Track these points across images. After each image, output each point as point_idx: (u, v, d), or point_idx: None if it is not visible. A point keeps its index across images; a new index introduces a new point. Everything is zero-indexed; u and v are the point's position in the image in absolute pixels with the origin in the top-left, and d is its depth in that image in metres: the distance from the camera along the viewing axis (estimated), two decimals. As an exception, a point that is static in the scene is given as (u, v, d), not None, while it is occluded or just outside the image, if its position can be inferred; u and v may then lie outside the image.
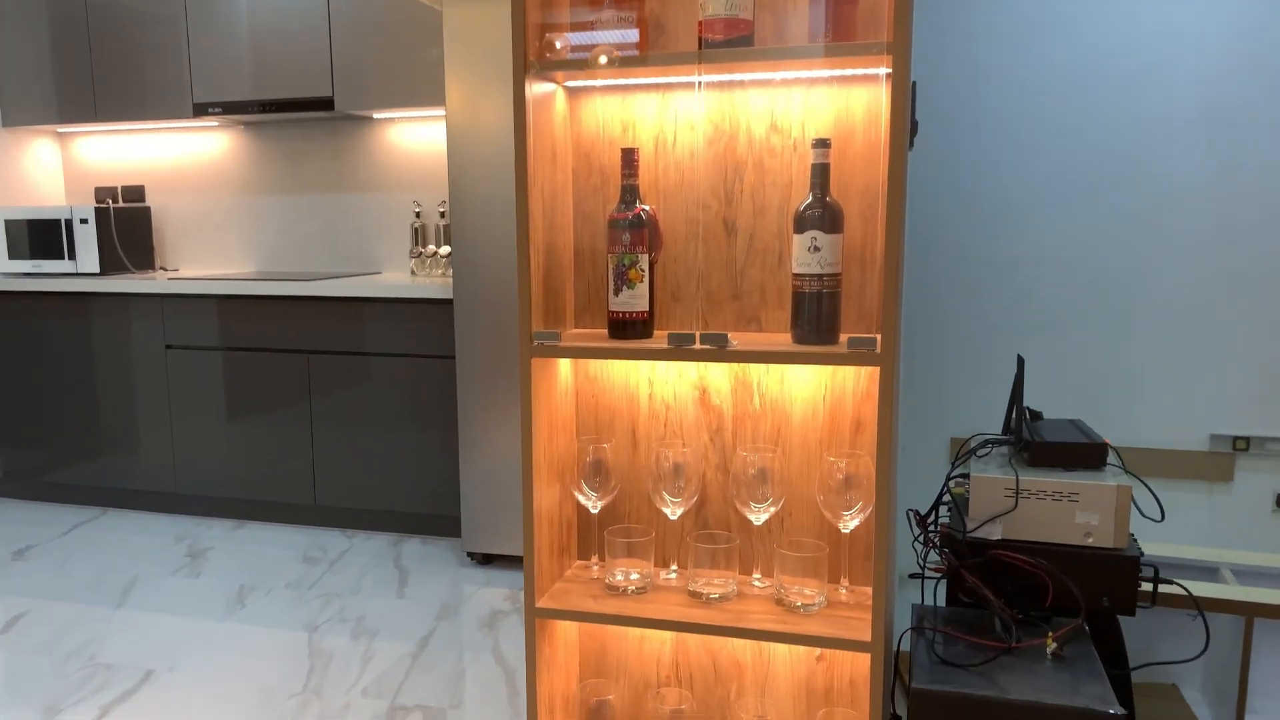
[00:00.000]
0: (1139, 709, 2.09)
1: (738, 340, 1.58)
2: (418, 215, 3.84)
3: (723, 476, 1.75)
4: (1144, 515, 2.48)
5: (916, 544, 1.86)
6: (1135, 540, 1.88)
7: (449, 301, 3.31)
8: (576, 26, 1.59)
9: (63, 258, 3.94)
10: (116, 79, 3.90)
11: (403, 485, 3.51)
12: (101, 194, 4.29)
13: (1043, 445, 1.82)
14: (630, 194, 1.61)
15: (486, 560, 3.32)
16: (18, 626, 2.83)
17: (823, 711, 1.72)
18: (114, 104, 3.93)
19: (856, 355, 1.46)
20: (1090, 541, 1.74)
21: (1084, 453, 1.81)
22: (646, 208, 1.62)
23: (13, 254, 4.01)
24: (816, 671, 1.75)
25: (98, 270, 3.92)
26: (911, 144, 2.08)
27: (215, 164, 4.18)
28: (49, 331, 3.89)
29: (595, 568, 1.78)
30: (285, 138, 4.07)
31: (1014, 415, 1.92)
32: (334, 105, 3.60)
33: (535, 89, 1.56)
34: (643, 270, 1.61)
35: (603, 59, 1.51)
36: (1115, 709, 1.42)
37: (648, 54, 1.51)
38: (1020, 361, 1.94)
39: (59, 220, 3.92)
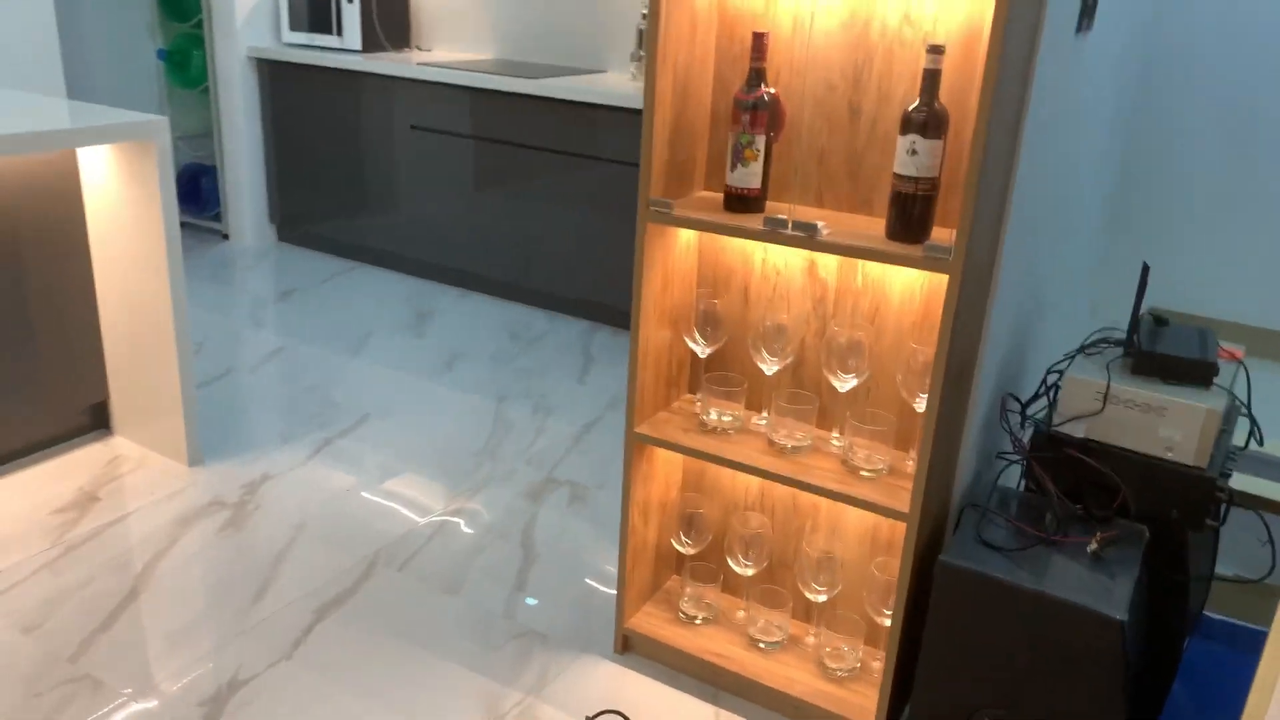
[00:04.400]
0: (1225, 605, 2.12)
1: (835, 225, 1.70)
2: (644, 17, 3.95)
3: (819, 343, 1.91)
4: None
5: (1004, 426, 1.96)
6: (1234, 455, 1.89)
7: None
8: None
9: (332, 33, 4.38)
10: None
11: (602, 278, 3.84)
12: (370, -29, 4.65)
13: (1147, 355, 1.84)
14: (756, 77, 1.70)
15: (663, 359, 3.64)
16: (273, 360, 3.48)
17: (880, 559, 1.93)
18: (380, -112, 4.20)
19: (929, 260, 1.55)
20: (1170, 456, 1.78)
21: (1187, 368, 1.81)
22: (770, 90, 1.72)
23: (293, 25, 4.50)
24: (882, 524, 1.95)
25: (359, 48, 4.34)
26: (1088, 25, 1.99)
27: (467, -50, 4.41)
28: (320, 101, 4.40)
29: (698, 404, 2.02)
30: (529, -70, 4.21)
31: (1132, 320, 1.93)
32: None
33: (677, -33, 1.66)
34: (758, 150, 1.73)
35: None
36: (1117, 614, 1.54)
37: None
38: (1145, 268, 1.91)
39: (330, -1, 4.33)
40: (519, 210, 3.96)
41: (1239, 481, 1.98)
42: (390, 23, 4.44)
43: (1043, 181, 1.93)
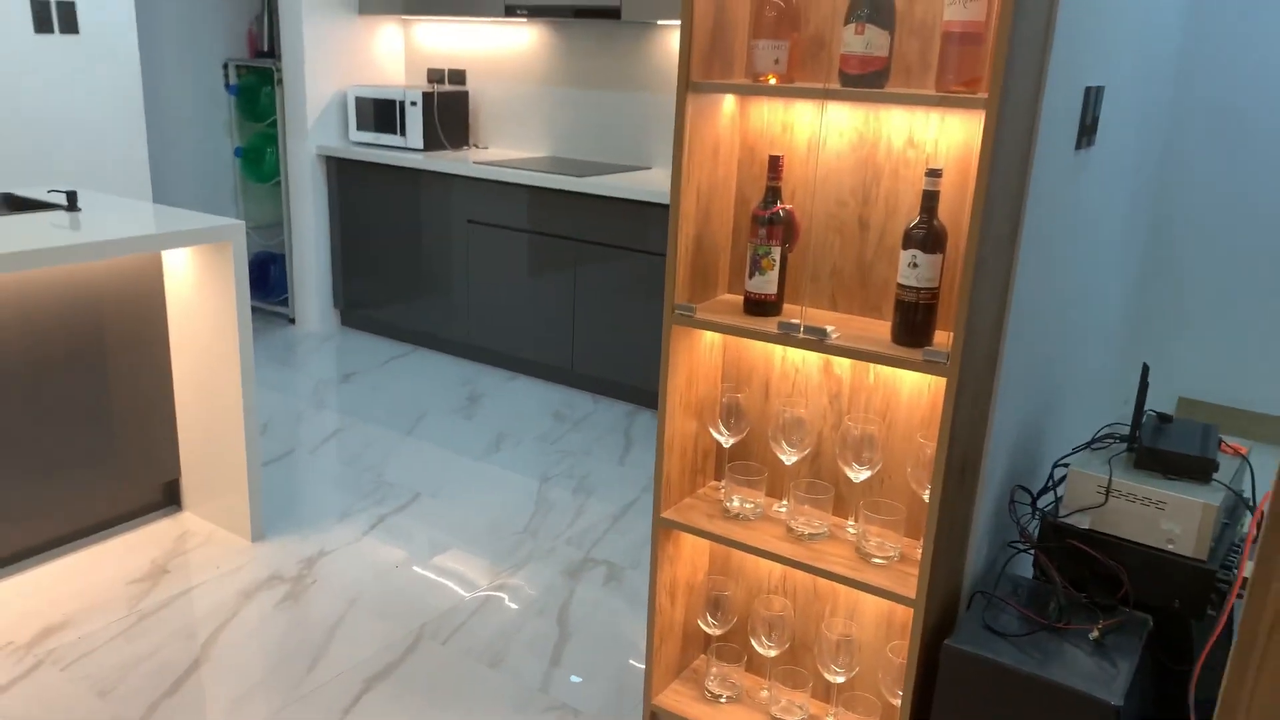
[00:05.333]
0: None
1: (846, 329, 1.84)
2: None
3: (835, 435, 2.04)
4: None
5: (1012, 516, 2.06)
6: (1237, 546, 1.97)
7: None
8: (756, 34, 1.84)
9: (395, 133, 4.69)
10: (446, -21, 4.48)
11: (644, 363, 4.01)
12: (433, 75, 4.99)
13: (1149, 450, 1.94)
14: (772, 195, 1.88)
15: (702, 442, 3.78)
16: (333, 439, 3.68)
17: (894, 643, 2.02)
18: (443, 0, 4.52)
19: (927, 364, 1.69)
20: (1171, 548, 1.87)
21: (1188, 464, 1.90)
22: (786, 207, 1.88)
23: (360, 125, 4.82)
24: (896, 609, 2.05)
25: (421, 146, 4.63)
26: (1088, 143, 2.14)
27: (523, 55, 4.71)
28: (384, 195, 4.69)
29: (722, 491, 2.16)
30: (581, 37, 4.50)
31: (1135, 417, 2.03)
32: (620, 15, 3.96)
33: (703, 97, 1.84)
34: (774, 260, 1.89)
35: (772, 80, 1.77)
36: (1114, 699, 1.62)
37: (781, 84, 1.75)
38: (1145, 369, 2.02)
39: (394, 101, 4.65)
40: (567, 298, 4.17)
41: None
42: (450, 123, 4.74)
43: (1045, 288, 2.06)
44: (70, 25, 3.75)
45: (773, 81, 1.81)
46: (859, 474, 1.96)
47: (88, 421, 2.73)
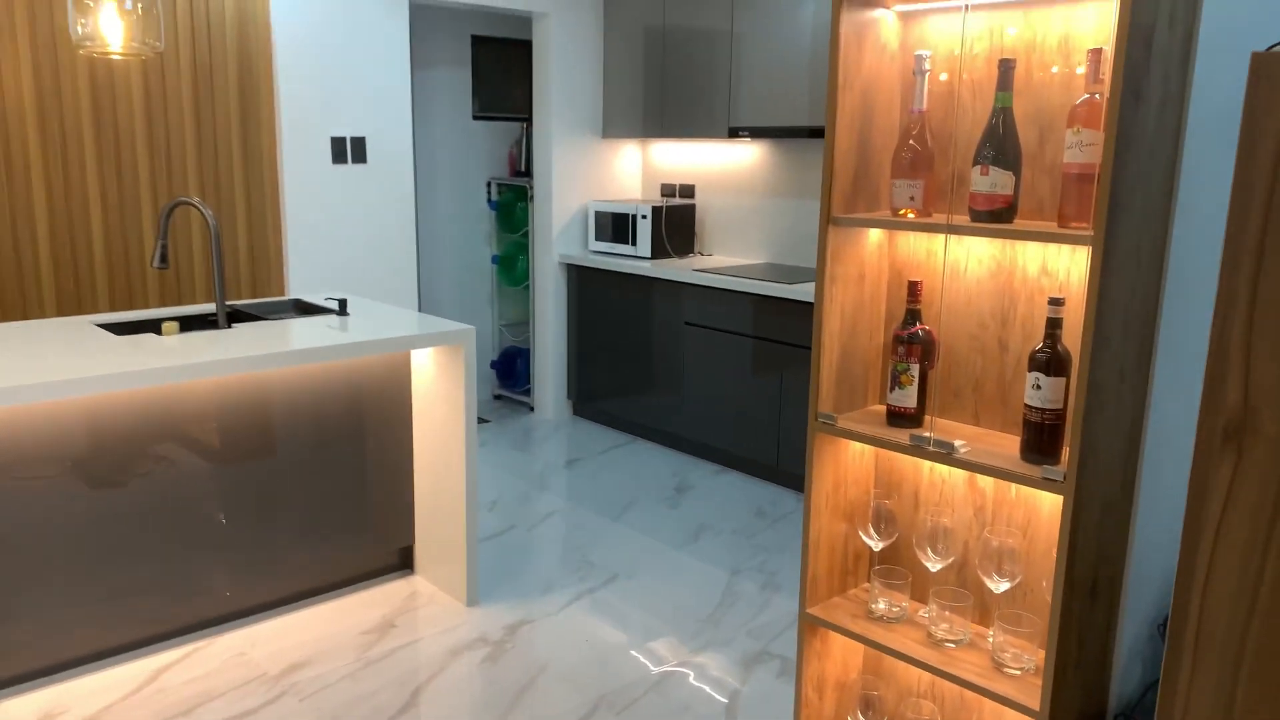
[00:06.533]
0: None
1: (980, 444, 1.95)
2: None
3: (978, 545, 2.11)
4: None
5: (1159, 637, 2.04)
6: None
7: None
8: (895, 173, 2.03)
9: (628, 243, 5.14)
10: (678, 106, 4.93)
11: (842, 467, 4.12)
12: (665, 189, 5.44)
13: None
14: (911, 316, 2.03)
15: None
16: (549, 520, 4.05)
17: (1036, 759, 2.03)
18: (674, 125, 4.97)
19: (1045, 482, 1.76)
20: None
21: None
22: (924, 328, 2.03)
23: (599, 236, 5.32)
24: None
25: (649, 254, 5.05)
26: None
27: (745, 170, 5.05)
28: (615, 298, 5.13)
29: (870, 592, 2.27)
30: (795, 153, 4.79)
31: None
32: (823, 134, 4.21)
33: (843, 229, 2.05)
34: (913, 376, 2.03)
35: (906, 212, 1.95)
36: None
37: (913, 219, 1.92)
38: None
39: (627, 214, 5.11)
40: (774, 398, 4.37)
41: None
42: (677, 233, 5.13)
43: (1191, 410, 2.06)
44: (360, 156, 4.49)
45: (911, 216, 1.98)
46: (998, 585, 2.03)
47: (346, 491, 3.24)
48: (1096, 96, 1.72)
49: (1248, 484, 1.24)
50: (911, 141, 1.97)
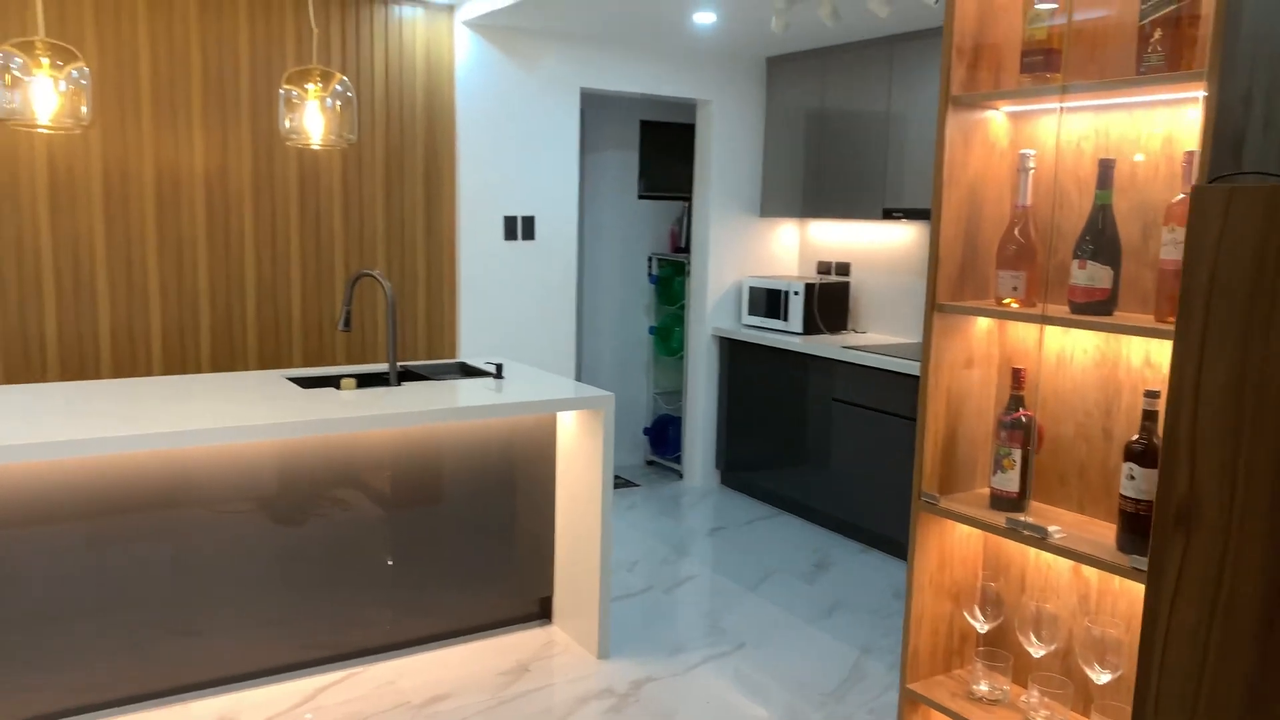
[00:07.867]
0: None
1: (1079, 530, 1.97)
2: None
3: (1082, 634, 2.12)
4: None
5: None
6: None
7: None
8: (999, 265, 2.11)
9: (780, 318, 5.29)
10: (835, 187, 5.08)
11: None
12: (821, 266, 5.57)
13: None
14: (1015, 402, 2.09)
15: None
16: (686, 584, 4.18)
17: None
18: (831, 205, 5.12)
19: (1134, 571, 1.78)
20: None
21: None
22: (1027, 414, 2.09)
23: (752, 311, 5.49)
24: (1143, 824, 2.03)
25: (801, 330, 5.17)
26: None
27: (898, 249, 5.12)
28: (765, 372, 5.27)
29: (974, 673, 2.29)
30: (951, 236, 4.82)
31: None
32: (982, 218, 4.25)
33: (948, 316, 2.14)
34: (1015, 460, 2.09)
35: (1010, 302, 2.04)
36: None
37: (1019, 309, 1.99)
38: None
39: (780, 291, 5.27)
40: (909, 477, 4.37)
41: None
42: (830, 310, 5.24)
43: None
44: (529, 234, 4.86)
45: (1014, 306, 2.06)
46: (1100, 676, 2.03)
47: (495, 541, 3.49)
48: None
49: (1195, 563, 1.36)
50: (1016, 233, 2.06)
